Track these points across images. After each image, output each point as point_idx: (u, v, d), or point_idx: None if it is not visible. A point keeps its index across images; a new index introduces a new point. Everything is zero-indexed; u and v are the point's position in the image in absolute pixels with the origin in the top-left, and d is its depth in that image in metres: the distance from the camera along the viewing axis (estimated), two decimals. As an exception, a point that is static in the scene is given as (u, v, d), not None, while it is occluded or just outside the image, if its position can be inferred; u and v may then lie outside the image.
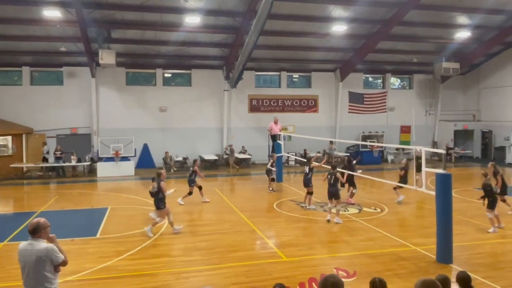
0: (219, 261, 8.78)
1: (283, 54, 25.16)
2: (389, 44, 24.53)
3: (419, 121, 28.15)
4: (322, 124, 27.52)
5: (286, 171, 22.80)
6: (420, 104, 29.32)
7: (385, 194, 16.19)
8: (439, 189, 8.58)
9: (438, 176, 8.63)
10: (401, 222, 12.04)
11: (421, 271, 7.90)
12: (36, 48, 22.44)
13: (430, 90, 29.64)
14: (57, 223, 5.49)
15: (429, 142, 28.91)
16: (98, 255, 9.22)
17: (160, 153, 24.21)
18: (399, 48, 25.33)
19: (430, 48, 26.03)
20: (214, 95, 26.10)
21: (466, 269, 6.59)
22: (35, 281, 4.78)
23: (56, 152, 22.08)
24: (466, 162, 27.12)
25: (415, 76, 29.50)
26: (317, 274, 7.70)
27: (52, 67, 24.45)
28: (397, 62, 27.30)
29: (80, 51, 21.83)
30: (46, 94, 23.88)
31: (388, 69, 28.75)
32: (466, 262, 8.50)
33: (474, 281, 5.58)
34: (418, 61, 26.84)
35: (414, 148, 11.14)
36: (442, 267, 8.14)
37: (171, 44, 22.41)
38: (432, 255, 8.79)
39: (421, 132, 27.45)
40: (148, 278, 7.87)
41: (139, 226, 11.57)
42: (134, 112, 24.90)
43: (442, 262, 8.42)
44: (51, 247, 4.87)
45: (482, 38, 24.83)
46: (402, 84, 30.46)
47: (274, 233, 11.20)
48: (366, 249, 9.49)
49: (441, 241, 8.54)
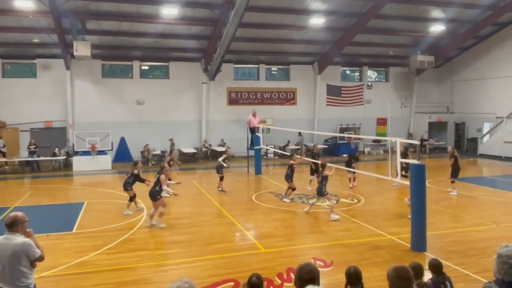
0: (198, 254, 8.77)
1: (261, 46, 25.13)
2: (366, 37, 24.80)
3: (395, 113, 28.65)
4: (300, 116, 27.67)
5: (265, 163, 22.91)
6: (396, 97, 29.80)
7: (361, 185, 16.42)
8: (413, 179, 8.77)
9: (412, 167, 8.81)
10: (377, 212, 12.25)
11: (396, 259, 8.07)
12: (8, 39, 21.80)
13: (406, 82, 30.15)
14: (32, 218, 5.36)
15: (404, 133, 29.42)
16: (75, 250, 9.09)
17: (138, 146, 23.94)
18: (376, 41, 25.65)
19: (405, 42, 26.44)
20: (192, 87, 25.91)
21: (439, 256, 6.77)
22: (11, 276, 4.71)
23: (30, 146, 21.58)
24: (440, 153, 27.74)
25: (391, 69, 29.94)
26: (295, 264, 7.78)
27: (25, 59, 23.81)
28: (373, 55, 27.64)
29: (54, 42, 21.30)
30: (19, 86, 23.26)
31: (365, 62, 29.07)
32: (440, 250, 8.73)
33: (446, 268, 5.75)
34: (394, 54, 27.24)
35: (389, 140, 11.29)
36: (416, 255, 8.34)
37: (148, 36, 22.09)
38: (407, 243, 8.99)
39: (396, 124, 27.94)
40: (126, 272, 7.81)
41: (116, 220, 11.46)
42: (110, 105, 24.50)
43: (417, 251, 8.62)
44: (28, 242, 4.80)
45: (456, 32, 25.36)
46: (378, 77, 30.87)
47: (253, 224, 11.26)
48: (343, 239, 9.64)
49: (415, 230, 8.73)
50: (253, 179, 18.83)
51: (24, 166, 21.54)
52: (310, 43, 25.15)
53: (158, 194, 10.76)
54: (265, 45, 24.97)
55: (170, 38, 22.83)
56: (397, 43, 26.31)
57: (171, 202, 13.77)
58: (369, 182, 16.92)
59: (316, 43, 25.30)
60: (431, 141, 28.87)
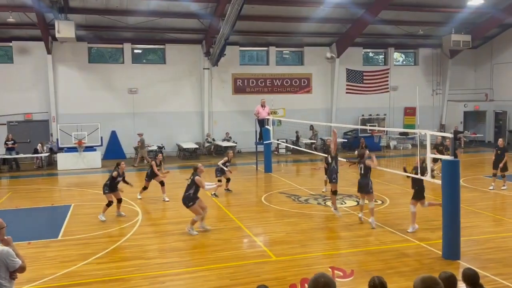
0: (200, 263, 8.88)
1: (271, 26, 25.08)
2: (392, 14, 24.64)
3: (425, 101, 28.53)
4: (316, 106, 27.65)
5: (276, 160, 22.97)
6: (426, 83, 29.64)
7: (386, 184, 16.42)
8: (445, 178, 8.77)
9: (444, 163, 8.81)
10: (404, 215, 12.23)
11: (425, 268, 8.11)
12: (-22, 19, 21.94)
13: (438, 66, 29.96)
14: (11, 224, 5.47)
15: (436, 125, 29.29)
16: (60, 259, 9.24)
17: (131, 141, 24.09)
18: (403, 19, 25.47)
19: (438, 19, 26.20)
20: (192, 74, 25.99)
21: (475, 265, 6.82)
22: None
23: (7, 142, 21.73)
24: (477, 147, 27.58)
25: (421, 50, 29.75)
26: (310, 274, 7.83)
27: (-2, 42, 24.01)
28: (401, 34, 27.42)
29: (32, 22, 21.42)
30: (-7, 73, 23.49)
31: (391, 43, 28.91)
32: (475, 258, 8.75)
33: (483, 278, 5.79)
34: (424, 34, 27.03)
35: (418, 132, 11.28)
36: (448, 263, 8.37)
37: (140, 14, 22.15)
38: (438, 250, 9.02)
39: (427, 114, 27.84)
40: (118, 284, 7.95)
41: (107, 226, 11.61)
42: (99, 94, 24.67)
43: (449, 258, 8.65)
44: (6, 251, 4.85)
45: (497, 6, 25.03)
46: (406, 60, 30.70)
47: (263, 229, 11.35)
48: (364, 245, 9.69)
49: (447, 235, 8.76)
50: (262, 177, 18.92)
51: (1, 165, 21.80)
52: (327, 22, 25.04)
53: (191, 201, 10.74)
54: (275, 24, 24.92)
55: (166, 16, 22.87)
56: (428, 20, 26.09)
57: (169, 205, 13.93)
58: (395, 180, 16.89)
59: (334, 21, 25.19)
60: (466, 134, 28.70)
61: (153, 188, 14.58)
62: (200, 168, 11.10)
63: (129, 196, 14.21)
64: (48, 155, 22.52)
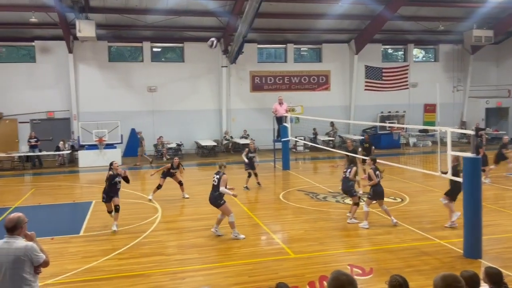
0: (219, 259, 8.95)
1: (289, 23, 25.05)
2: (412, 10, 24.39)
3: (445, 98, 28.14)
4: (334, 103, 27.52)
5: (294, 157, 22.93)
6: (446, 79, 29.25)
7: (406, 182, 16.28)
8: (466, 175, 8.67)
9: (465, 161, 8.70)
10: (424, 213, 12.16)
11: (446, 267, 8.03)
12: (1, 18, 22.33)
13: (459, 62, 29.53)
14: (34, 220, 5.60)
15: (456, 122, 28.90)
16: (82, 254, 9.40)
17: (150, 139, 24.30)
18: (423, 14, 25.17)
19: (459, 14, 25.80)
20: (210, 72, 26.10)
21: (497, 264, 6.72)
22: (12, 283, 4.84)
23: (30, 139, 22.19)
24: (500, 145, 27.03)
25: (441, 46, 29.36)
26: (328, 272, 7.76)
27: (22, 41, 24.47)
28: (420, 30, 27.10)
29: (54, 22, 21.78)
30: (16, 72, 23.93)
31: (411, 39, 28.59)
32: (498, 257, 8.64)
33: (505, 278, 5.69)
34: (445, 29, 26.63)
35: (439, 129, 11.14)
36: (470, 262, 8.27)
37: (159, 13, 22.33)
38: (459, 249, 8.92)
39: (447, 111, 27.38)
40: (139, 279, 8.04)
41: (128, 222, 11.74)
42: (119, 92, 24.95)
43: (470, 257, 8.55)
44: (30, 246, 4.92)
45: (520, 1, 24.57)
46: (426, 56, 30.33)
47: (281, 227, 11.36)
48: (383, 243, 9.64)
49: (468, 233, 8.65)
50: (280, 175, 18.92)
51: (25, 162, 22.22)
52: (345, 18, 24.90)
53: (222, 199, 10.37)
54: (293, 21, 24.88)
55: (185, 14, 23.00)
56: (449, 15, 25.72)
57: (188, 202, 14.03)
58: (414, 178, 16.74)
59: (353, 17, 25.02)
60: (488, 131, 28.23)
61: (171, 185, 14.67)
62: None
63: (149, 192, 14.36)
64: (69, 153, 22.87)
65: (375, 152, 16.92)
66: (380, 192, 11.06)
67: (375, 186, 10.97)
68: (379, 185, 11.04)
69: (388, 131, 26.18)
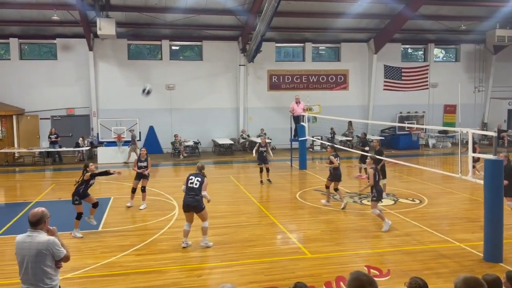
0: (235, 257, 8.97)
1: (307, 22, 24.98)
2: (433, 9, 24.12)
3: (466, 99, 27.74)
4: (353, 103, 27.38)
5: (311, 157, 22.87)
6: (468, 79, 28.87)
7: (425, 183, 16.12)
8: (488, 178, 8.54)
9: (487, 163, 8.58)
10: (444, 215, 12.02)
11: (465, 270, 7.92)
12: (24, 17, 22.77)
13: (481, 62, 29.12)
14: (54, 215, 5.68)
15: (478, 123, 28.51)
16: (101, 250, 9.53)
17: (168, 136, 24.51)
18: (445, 13, 24.87)
19: (481, 13, 25.42)
20: (228, 70, 26.17)
21: (518, 268, 6.59)
22: (34, 277, 4.94)
23: (51, 135, 22.53)
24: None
25: (463, 46, 28.98)
26: (345, 272, 7.82)
27: (44, 39, 24.88)
28: (441, 30, 26.79)
29: (75, 20, 22.10)
30: (37, 69, 24.34)
31: (431, 39, 28.27)
32: (519, 261, 8.50)
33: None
34: (466, 29, 26.28)
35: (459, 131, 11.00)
36: (490, 266, 8.15)
37: (178, 12, 22.48)
38: (479, 252, 8.80)
39: (468, 112, 27.07)
40: (155, 276, 8.12)
41: (145, 219, 11.87)
42: (137, 90, 24.94)
43: (490, 261, 8.43)
44: (52, 240, 5.01)
45: (544, 0, 24.11)
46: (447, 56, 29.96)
47: (297, 226, 11.34)
48: (401, 245, 9.55)
49: (489, 237, 8.52)
50: (297, 174, 18.89)
51: (45, 158, 22.59)
52: (364, 17, 24.73)
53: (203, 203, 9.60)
54: (312, 20, 24.80)
55: (204, 13, 23.10)
56: (471, 15, 25.36)
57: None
58: (433, 180, 16.57)
59: (372, 16, 24.83)
60: (510, 132, 27.77)
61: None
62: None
63: (166, 190, 14.49)
64: (88, 149, 23.17)
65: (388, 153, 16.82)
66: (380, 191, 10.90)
67: (377, 185, 10.74)
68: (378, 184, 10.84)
69: (407, 131, 25.92)
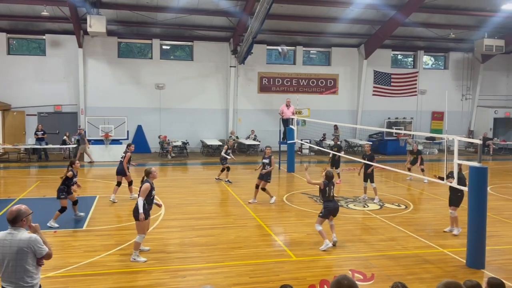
0: (220, 259, 8.95)
1: (299, 25, 25.06)
2: (423, 16, 24.33)
3: (454, 106, 28.06)
4: (342, 107, 27.51)
5: (299, 160, 22.91)
6: (456, 87, 29.20)
7: (410, 189, 16.23)
8: (472, 185, 8.62)
9: (472, 170, 8.66)
10: (428, 221, 12.12)
11: (448, 276, 7.98)
12: (13, 11, 22.53)
13: (469, 70, 29.46)
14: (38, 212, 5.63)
15: (464, 131, 28.79)
16: (84, 249, 9.45)
17: (157, 136, 24.42)
18: (435, 21, 25.11)
19: (470, 22, 25.72)
20: (219, 71, 26.15)
21: (500, 276, 6.68)
22: (15, 275, 4.88)
23: (37, 132, 22.30)
24: (507, 155, 26.98)
25: (452, 54, 29.30)
26: (329, 276, 7.85)
27: (32, 34, 24.66)
28: (431, 37, 27.04)
29: (65, 16, 21.90)
30: (26, 65, 24.13)
31: (421, 46, 28.53)
32: (501, 268, 8.58)
33: (507, 289, 5.67)
34: (455, 37, 26.56)
35: (446, 137, 11.11)
36: (472, 272, 8.23)
37: (170, 11, 22.41)
38: (462, 258, 8.88)
39: (455, 119, 27.40)
40: (139, 276, 8.07)
41: (131, 218, 11.70)
42: (127, 89, 25.05)
43: (473, 267, 8.51)
44: (34, 238, 4.96)
45: (532, 11, 24.44)
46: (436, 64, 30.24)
47: (283, 229, 11.36)
48: (386, 249, 9.61)
49: (472, 243, 8.60)
50: (284, 177, 18.91)
51: (31, 154, 22.35)
52: (355, 22, 24.86)
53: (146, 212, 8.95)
54: (303, 24, 24.87)
55: (195, 13, 23.05)
56: (460, 23, 25.63)
57: (192, 201, 14.04)
58: (419, 186, 16.70)
59: (363, 22, 24.98)
60: (495, 140, 28.10)
61: (176, 183, 14.71)
62: (153, 173, 9.06)
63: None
64: (75, 147, 22.97)
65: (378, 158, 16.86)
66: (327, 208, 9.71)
67: (327, 202, 9.73)
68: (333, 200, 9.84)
69: (394, 137, 26.11)
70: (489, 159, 24.76)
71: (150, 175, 8.99)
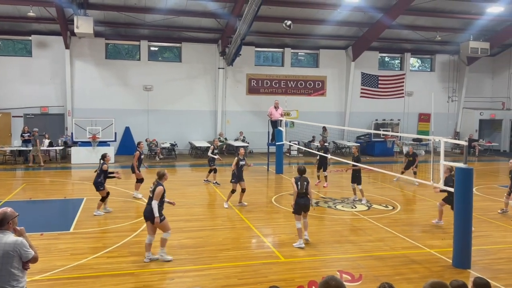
0: (208, 261, 8.92)
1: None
2: (410, 19, 24.53)
3: (440, 108, 28.33)
4: (330, 109, 27.62)
5: (288, 161, 22.94)
6: (442, 89, 29.50)
7: (398, 190, 16.34)
8: (458, 186, 8.70)
9: (458, 171, 8.74)
10: (415, 222, 12.20)
11: (434, 276, 8.04)
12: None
13: (454, 73, 29.77)
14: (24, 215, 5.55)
15: (450, 132, 29.07)
16: (71, 251, 9.34)
17: (145, 137, 24.23)
18: (421, 24, 25.34)
19: (456, 25, 26.01)
20: (207, 73, 26.11)
21: (486, 275, 6.75)
22: (0, 278, 4.83)
23: (23, 134, 22.04)
24: (492, 156, 27.30)
25: (438, 56, 29.59)
26: (318, 277, 7.86)
27: (18, 35, 24.38)
28: (418, 40, 27.28)
29: (51, 17, 21.71)
30: (11, 66, 23.88)
31: (408, 48, 28.77)
32: (486, 268, 8.67)
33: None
34: (441, 40, 26.82)
35: (432, 139, 11.21)
36: (458, 272, 8.30)
37: (158, 12, 22.34)
38: (448, 259, 8.95)
39: (442, 120, 27.66)
40: (127, 278, 8.01)
41: (118, 221, 11.70)
42: (114, 90, 24.90)
43: (459, 267, 8.58)
44: (20, 241, 4.91)
45: (516, 14, 24.78)
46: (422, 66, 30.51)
47: (272, 230, 11.36)
48: (374, 250, 9.65)
49: (458, 243, 8.68)
50: (273, 178, 18.93)
51: (17, 156, 22.09)
52: (343, 25, 25.01)
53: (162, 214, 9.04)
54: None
55: (183, 14, 23.00)
56: (446, 26, 25.90)
57: (180, 203, 13.96)
58: (406, 187, 16.82)
59: (351, 24, 25.12)
60: (481, 142, 28.42)
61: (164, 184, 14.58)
62: (166, 175, 9.15)
63: (140, 192, 14.32)
64: (62, 149, 22.77)
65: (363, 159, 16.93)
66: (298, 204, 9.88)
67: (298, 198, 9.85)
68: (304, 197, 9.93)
69: (382, 139, 26.28)
70: (475, 160, 25.03)
71: (163, 177, 9.11)
